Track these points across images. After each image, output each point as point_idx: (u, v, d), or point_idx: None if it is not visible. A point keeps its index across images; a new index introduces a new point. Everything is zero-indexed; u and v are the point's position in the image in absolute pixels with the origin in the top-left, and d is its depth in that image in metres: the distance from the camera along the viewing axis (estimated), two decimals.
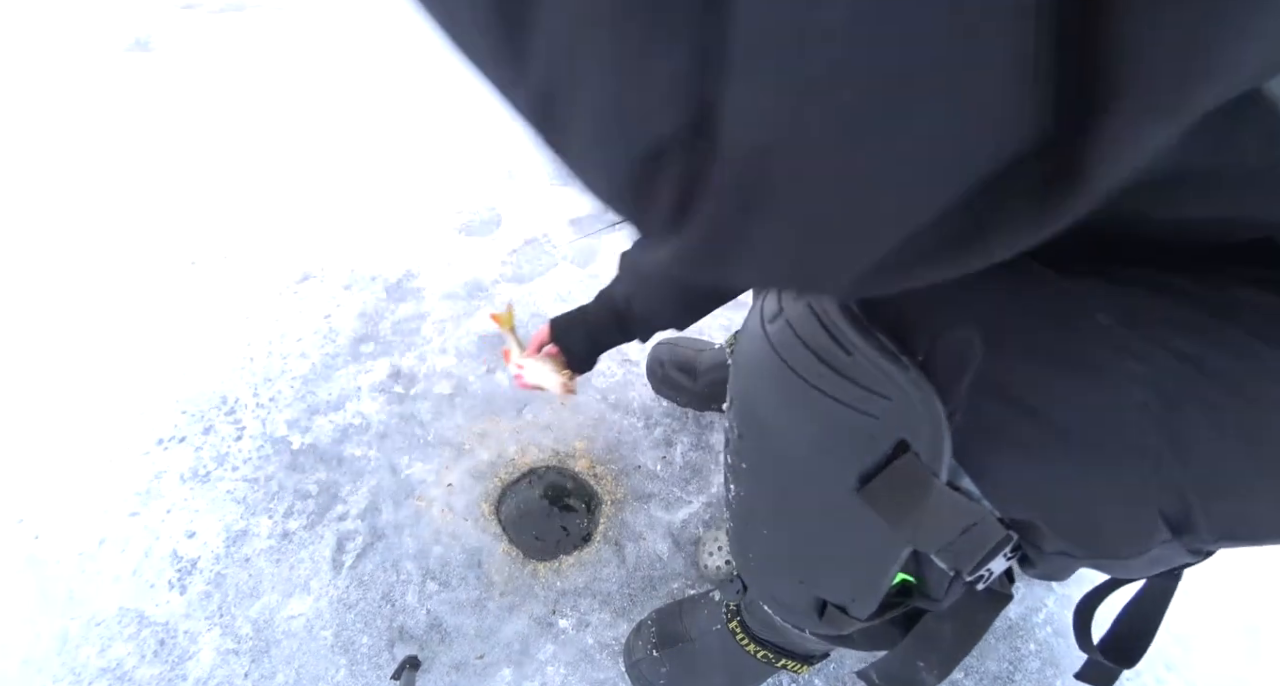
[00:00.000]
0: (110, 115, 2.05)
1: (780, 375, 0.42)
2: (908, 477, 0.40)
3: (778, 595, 0.59)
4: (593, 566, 0.93)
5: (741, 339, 0.48)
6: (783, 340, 0.42)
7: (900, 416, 0.38)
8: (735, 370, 0.49)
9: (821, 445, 0.43)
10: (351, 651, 0.85)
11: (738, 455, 0.51)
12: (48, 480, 1.03)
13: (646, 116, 0.19)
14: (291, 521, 0.98)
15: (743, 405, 0.48)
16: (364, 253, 1.49)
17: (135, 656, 0.84)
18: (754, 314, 0.47)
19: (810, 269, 0.25)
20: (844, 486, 0.42)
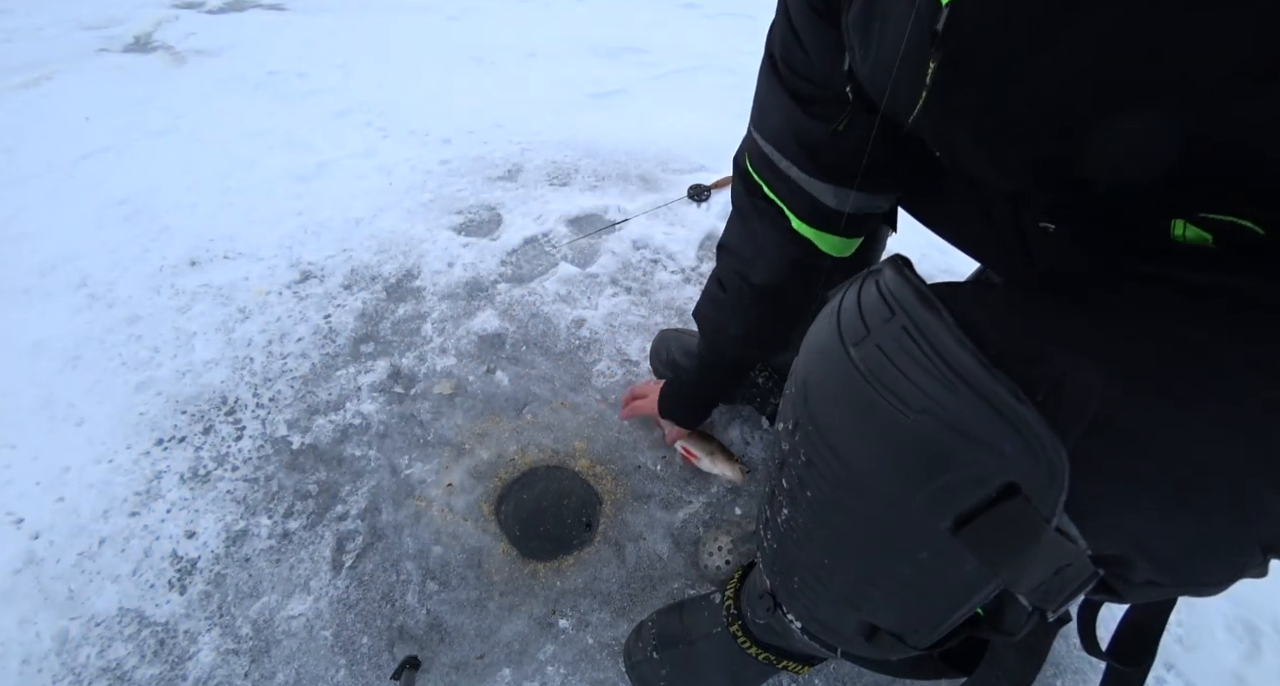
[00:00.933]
0: (110, 114, 2.05)
1: (869, 404, 0.39)
2: (1016, 523, 0.37)
3: (822, 618, 0.56)
4: (593, 566, 0.93)
5: (812, 356, 0.45)
6: (875, 367, 0.39)
7: (1014, 460, 0.36)
8: (805, 391, 0.45)
9: (913, 481, 0.40)
10: (351, 651, 0.85)
11: (801, 482, 0.47)
12: (48, 480, 1.03)
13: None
14: (291, 521, 0.98)
15: (816, 430, 0.44)
16: (364, 253, 1.49)
17: (135, 656, 0.84)
18: (827, 332, 0.44)
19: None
20: (935, 526, 0.40)
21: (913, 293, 0.40)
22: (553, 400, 1.15)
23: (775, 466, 0.51)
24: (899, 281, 0.41)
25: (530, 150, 1.89)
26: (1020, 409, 0.35)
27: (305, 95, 2.20)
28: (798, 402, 0.46)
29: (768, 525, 0.55)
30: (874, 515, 0.43)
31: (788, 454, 0.48)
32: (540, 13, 3.03)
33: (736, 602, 0.77)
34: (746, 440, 1.09)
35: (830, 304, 0.48)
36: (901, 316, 0.39)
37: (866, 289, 0.43)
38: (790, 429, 0.47)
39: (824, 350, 0.44)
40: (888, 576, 0.46)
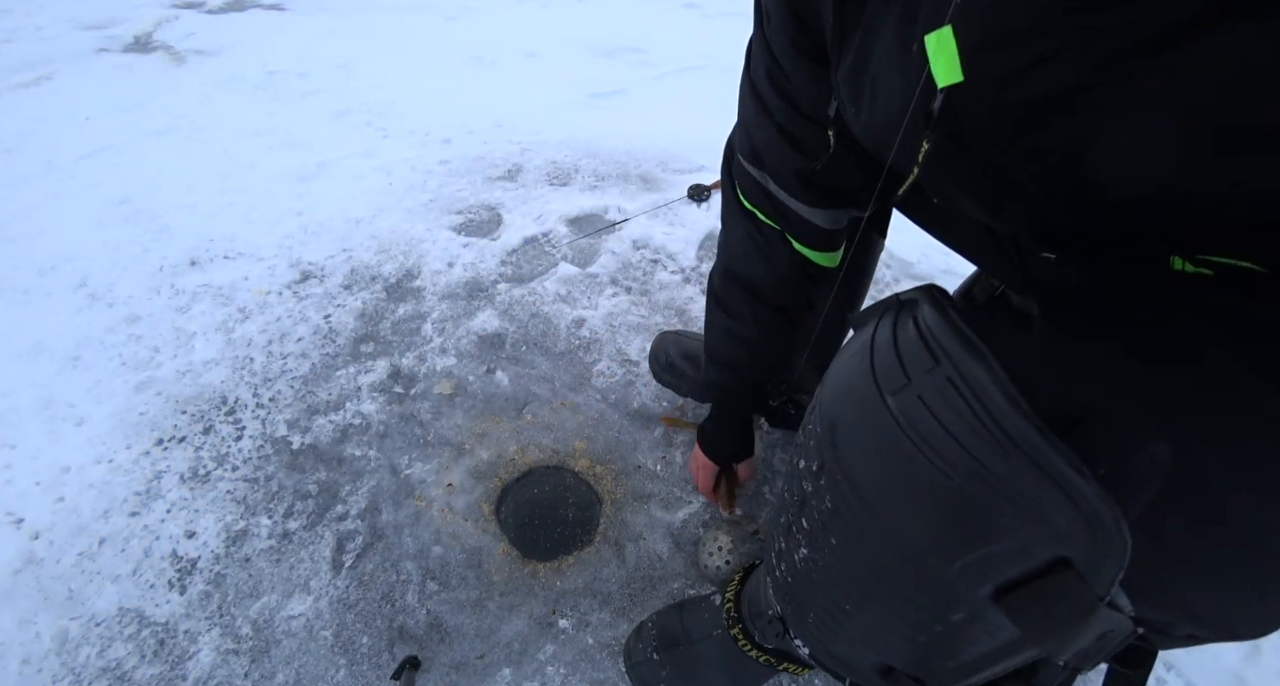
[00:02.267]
0: (110, 114, 2.05)
1: (908, 460, 0.36)
2: (1067, 599, 0.35)
3: (836, 653, 0.53)
4: (593, 566, 0.93)
5: (842, 399, 0.43)
6: (915, 421, 0.36)
7: (1069, 534, 0.33)
8: (834, 435, 0.43)
9: (953, 547, 0.37)
10: (351, 651, 0.85)
11: (825, 527, 0.45)
12: (48, 480, 1.03)
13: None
14: (291, 521, 0.98)
15: (845, 480, 0.41)
16: (364, 253, 1.49)
17: (135, 656, 0.84)
18: (860, 374, 0.41)
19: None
20: (974, 592, 0.37)
21: (958, 339, 0.37)
22: (553, 400, 1.15)
23: (794, 502, 0.48)
24: (941, 324, 0.38)
25: (530, 150, 1.89)
26: (1080, 482, 0.32)
27: (305, 95, 2.20)
28: (824, 446, 0.43)
29: (782, 556, 0.53)
30: (906, 574, 0.41)
31: (810, 495, 0.45)
32: (540, 13, 3.03)
33: (737, 605, 0.77)
34: None
35: (859, 339, 0.44)
36: (946, 366, 0.36)
37: (904, 328, 0.40)
38: (814, 470, 0.45)
39: (857, 395, 0.41)
40: (916, 630, 0.44)
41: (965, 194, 0.42)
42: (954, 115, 0.36)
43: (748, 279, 0.76)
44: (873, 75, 0.43)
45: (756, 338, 0.80)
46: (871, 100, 0.44)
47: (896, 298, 0.44)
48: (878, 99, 0.43)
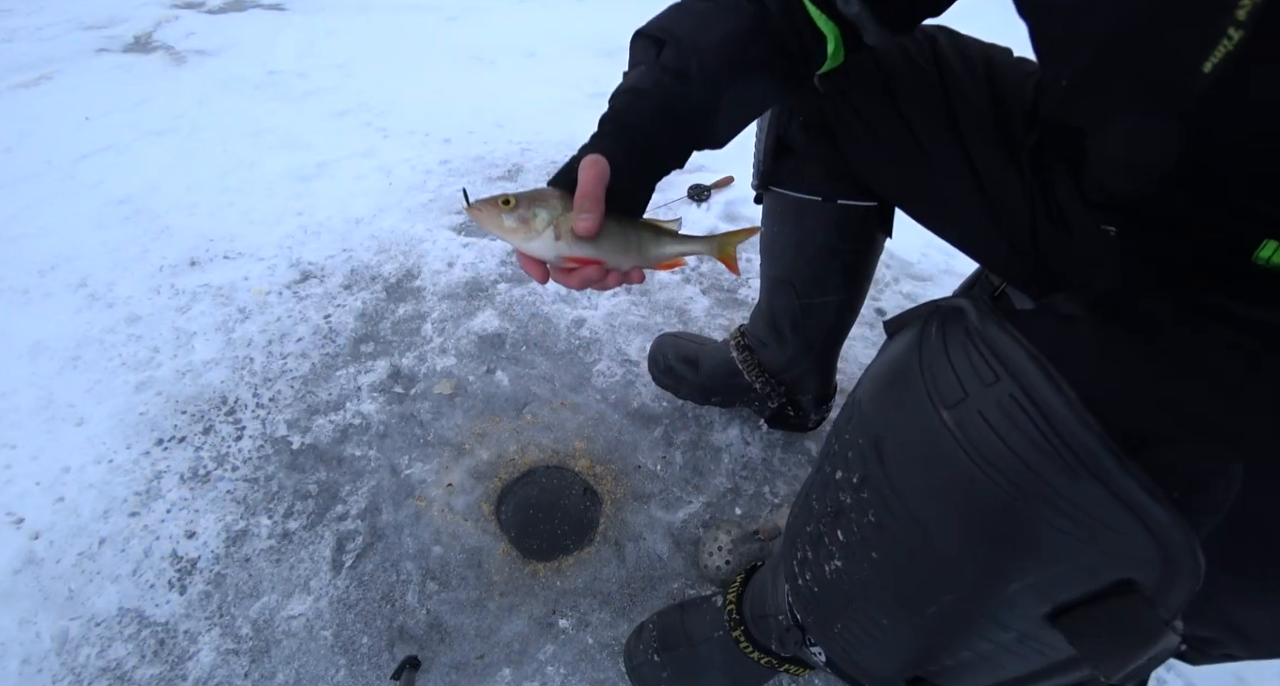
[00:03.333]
0: (110, 114, 2.05)
1: (968, 480, 0.35)
2: (1130, 620, 0.34)
3: (861, 663, 0.52)
4: (593, 566, 0.93)
5: (888, 411, 0.41)
6: (976, 438, 0.35)
7: (1140, 557, 0.33)
8: (880, 449, 0.41)
9: (1010, 564, 0.36)
10: (351, 651, 0.85)
11: (864, 541, 0.43)
12: (48, 480, 1.03)
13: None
14: (291, 521, 0.98)
15: (894, 495, 0.40)
16: (364, 253, 1.49)
17: (135, 656, 0.84)
18: (911, 386, 0.39)
19: None
20: (1029, 611, 0.36)
21: (1019, 352, 0.35)
22: (553, 400, 1.15)
23: (826, 513, 0.47)
24: (1000, 336, 0.36)
25: (530, 150, 1.89)
26: (1155, 507, 0.31)
27: (305, 95, 2.20)
28: (869, 459, 0.42)
29: (807, 566, 0.51)
30: (956, 592, 0.39)
31: (849, 508, 0.44)
32: (540, 13, 3.03)
33: (739, 607, 0.77)
34: (746, 440, 1.09)
35: (900, 347, 0.43)
36: (1008, 382, 0.35)
37: (954, 339, 0.39)
38: (854, 482, 0.43)
39: (907, 408, 0.39)
40: (960, 647, 0.42)
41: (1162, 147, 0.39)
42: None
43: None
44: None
45: (736, 32, 0.55)
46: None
47: (935, 304, 0.43)
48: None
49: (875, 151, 0.69)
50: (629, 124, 0.53)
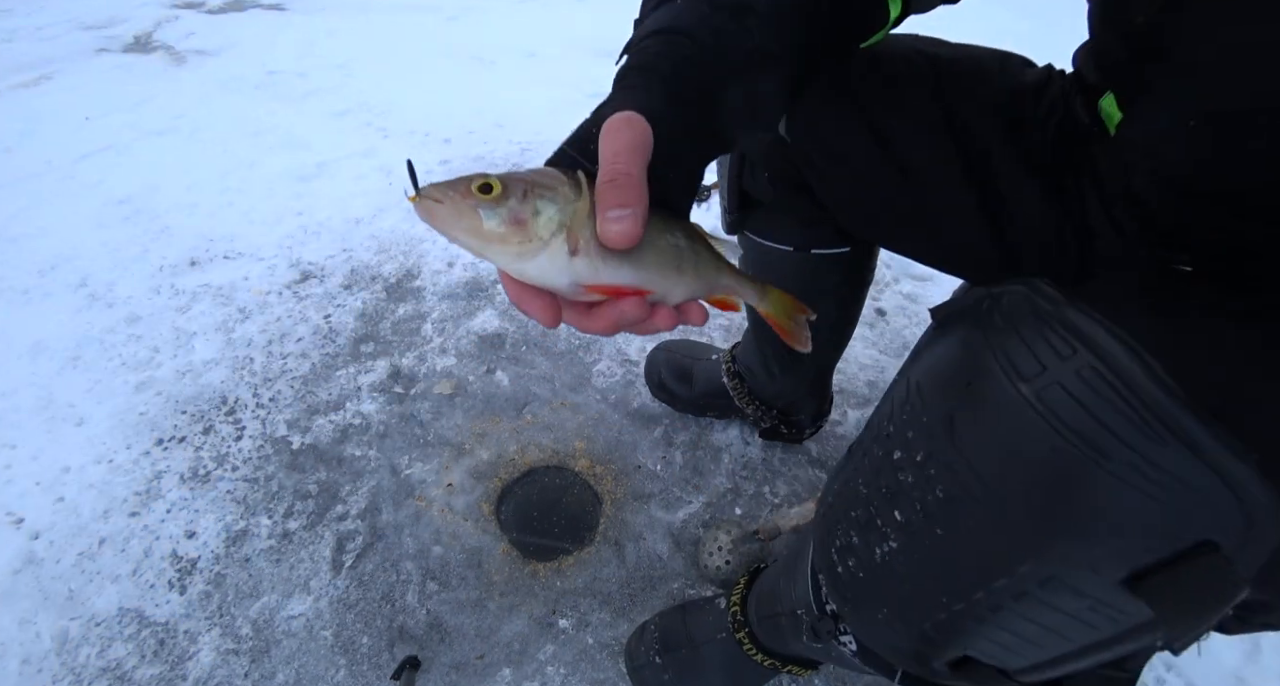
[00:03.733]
0: (110, 114, 2.05)
1: (1051, 450, 0.35)
2: (1212, 583, 0.34)
3: (901, 647, 0.51)
4: (593, 566, 0.93)
5: (955, 388, 0.41)
6: (1059, 409, 0.35)
7: (1224, 519, 0.33)
8: (951, 427, 0.41)
9: (1094, 530, 0.36)
10: (351, 651, 0.85)
11: (930, 518, 0.42)
12: (48, 480, 1.03)
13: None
14: (291, 521, 0.98)
15: (969, 468, 0.40)
16: (364, 253, 1.49)
17: (135, 656, 0.84)
18: (977, 363, 0.40)
19: None
20: (1108, 577, 0.36)
21: (1093, 324, 0.36)
22: (553, 400, 1.15)
23: (880, 496, 0.46)
24: (1077, 314, 0.37)
25: (530, 150, 1.89)
26: (1238, 467, 0.32)
27: (305, 95, 2.20)
28: (937, 436, 0.41)
29: (850, 552, 0.50)
30: (1034, 563, 0.39)
31: (910, 487, 0.43)
32: (540, 13, 3.03)
33: (744, 609, 0.76)
34: (746, 440, 1.09)
35: (961, 332, 0.43)
36: (1085, 353, 0.35)
37: (1022, 319, 0.39)
38: (919, 461, 0.43)
39: (979, 384, 0.39)
40: (1027, 623, 0.42)
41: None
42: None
43: None
44: None
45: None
46: None
47: (989, 291, 0.43)
48: None
49: (855, 190, 0.64)
50: (671, 72, 0.38)
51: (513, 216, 0.31)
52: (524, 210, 0.31)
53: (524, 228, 0.31)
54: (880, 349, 1.29)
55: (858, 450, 0.52)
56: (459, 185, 0.31)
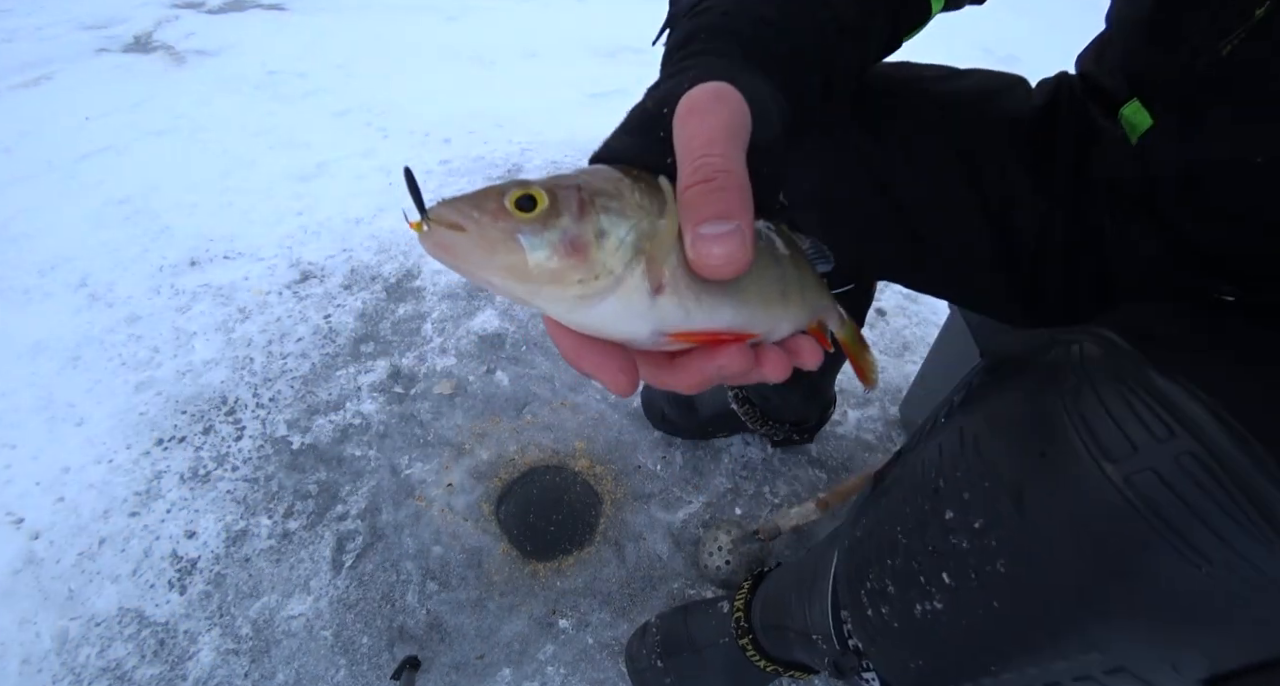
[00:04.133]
0: (110, 114, 2.05)
1: (1140, 545, 0.32)
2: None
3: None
4: (593, 566, 0.93)
5: (1028, 458, 0.38)
6: (1153, 499, 0.32)
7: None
8: (1020, 498, 0.37)
9: (1178, 633, 0.33)
10: (351, 651, 0.85)
11: (986, 589, 0.40)
12: (48, 480, 1.03)
13: None
14: (291, 521, 0.98)
15: (1033, 543, 0.37)
16: (364, 253, 1.49)
17: (135, 656, 0.84)
18: (1053, 431, 0.36)
19: None
20: (1183, 676, 0.34)
21: (1197, 405, 0.32)
22: (553, 400, 1.15)
23: (926, 552, 0.43)
24: (1170, 387, 0.33)
25: (530, 150, 1.89)
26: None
27: (305, 95, 2.20)
28: (1004, 508, 0.38)
29: (884, 599, 0.48)
30: (1104, 653, 0.36)
31: (966, 553, 0.40)
32: (540, 13, 3.03)
33: (748, 614, 0.76)
34: (747, 440, 1.09)
35: (1029, 388, 0.39)
36: (1186, 439, 0.31)
37: (1105, 385, 0.35)
38: (977, 529, 0.39)
39: (1055, 457, 0.35)
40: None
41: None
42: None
43: None
44: None
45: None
46: None
47: (1053, 337, 0.39)
48: None
49: (860, 238, 0.61)
50: (752, 33, 0.32)
51: (569, 242, 0.22)
52: (584, 231, 0.22)
53: (586, 257, 0.22)
54: (880, 349, 1.29)
55: (895, 491, 0.48)
56: (486, 201, 0.22)
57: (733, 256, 0.23)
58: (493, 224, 0.22)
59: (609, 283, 0.22)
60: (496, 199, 0.22)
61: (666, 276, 0.23)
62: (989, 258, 0.58)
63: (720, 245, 0.23)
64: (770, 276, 0.27)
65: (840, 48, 0.37)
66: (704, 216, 0.23)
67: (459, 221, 0.22)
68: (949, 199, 0.57)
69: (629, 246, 0.23)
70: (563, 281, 0.22)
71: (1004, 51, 2.55)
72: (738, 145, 0.25)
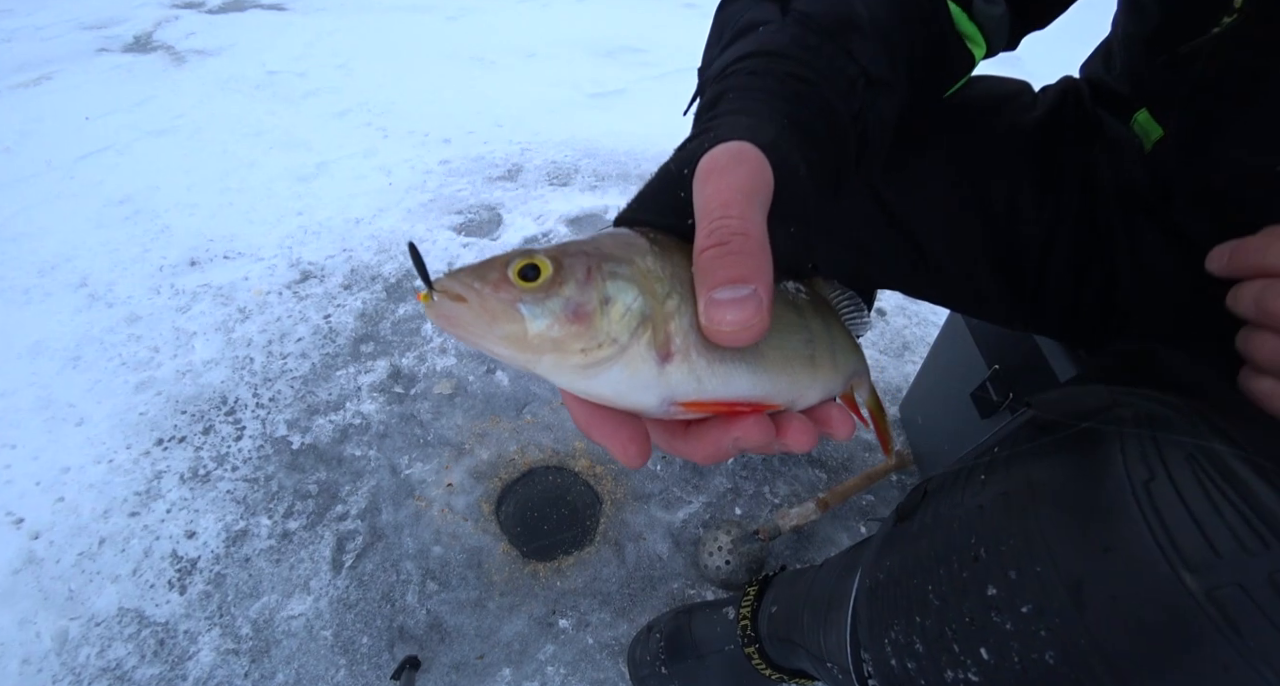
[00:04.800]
0: (110, 114, 2.05)
1: (1221, 667, 0.30)
2: None
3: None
4: (593, 566, 0.93)
5: (1089, 551, 0.34)
6: (1237, 618, 0.29)
7: None
8: (1080, 597, 0.34)
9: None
10: (351, 651, 0.85)
11: (1029, 677, 0.37)
12: (48, 481, 1.03)
13: None
14: (291, 521, 0.98)
15: (1089, 644, 0.34)
16: (364, 253, 1.49)
17: (135, 656, 0.84)
18: (1128, 530, 0.33)
19: None
20: None
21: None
22: (553, 400, 1.15)
23: (963, 622, 0.40)
24: (1264, 489, 0.29)
25: (530, 150, 1.89)
26: None
27: (305, 95, 2.20)
28: (1060, 601, 0.34)
29: (909, 654, 0.46)
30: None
31: (1009, 634, 0.37)
32: (540, 13, 3.03)
33: (754, 623, 0.75)
34: None
35: (1091, 462, 0.36)
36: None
37: (1184, 475, 0.31)
38: (1025, 614, 0.36)
39: (1124, 554, 0.32)
40: None
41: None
42: None
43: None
44: None
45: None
46: None
47: (1113, 397, 0.36)
48: None
49: (860, 245, 0.60)
50: (778, 88, 0.31)
51: (571, 310, 0.22)
52: (588, 299, 0.22)
53: (589, 325, 0.22)
54: (880, 349, 1.29)
55: (924, 543, 0.45)
56: (490, 271, 0.23)
57: (747, 323, 0.22)
58: (494, 295, 0.22)
59: (613, 351, 0.22)
60: (500, 269, 0.23)
61: (678, 343, 0.23)
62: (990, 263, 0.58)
63: (733, 311, 0.22)
64: (796, 341, 0.26)
65: (873, 101, 0.36)
66: (718, 281, 0.22)
67: (461, 293, 0.22)
68: (950, 206, 0.57)
69: (635, 313, 0.22)
70: (564, 350, 0.22)
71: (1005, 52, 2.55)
72: (756, 206, 0.24)
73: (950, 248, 0.58)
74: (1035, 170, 0.55)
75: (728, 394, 0.24)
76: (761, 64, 0.32)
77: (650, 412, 0.24)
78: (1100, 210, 0.53)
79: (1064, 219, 0.54)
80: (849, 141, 0.34)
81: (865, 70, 0.34)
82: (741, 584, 0.89)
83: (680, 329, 0.23)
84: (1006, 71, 0.62)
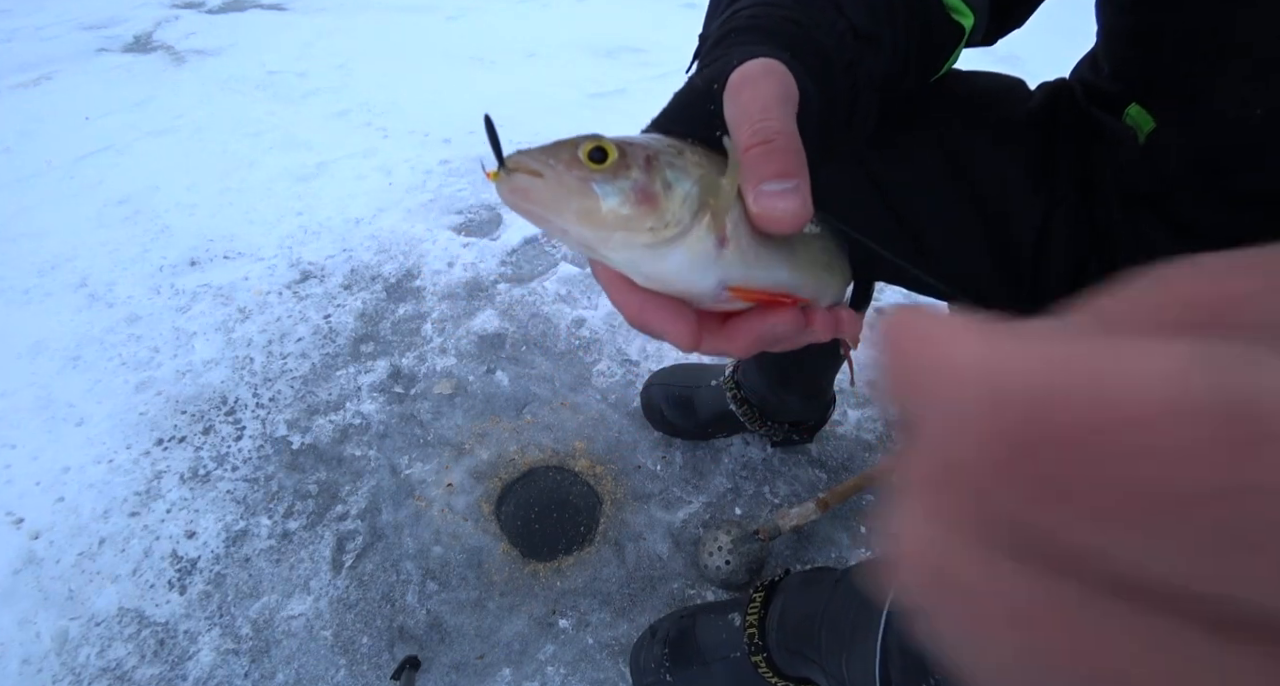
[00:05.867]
0: (110, 114, 2.05)
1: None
2: None
3: None
4: (593, 566, 0.93)
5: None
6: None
7: None
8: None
9: None
10: (351, 651, 0.85)
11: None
12: (48, 481, 1.03)
13: None
14: (291, 521, 0.98)
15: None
16: (364, 253, 1.49)
17: (135, 656, 0.84)
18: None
19: None
20: None
21: None
22: (553, 400, 1.15)
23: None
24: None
25: None
26: None
27: (305, 95, 2.20)
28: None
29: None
30: None
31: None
32: (540, 13, 3.03)
33: (762, 631, 0.75)
34: (746, 440, 1.09)
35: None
36: None
37: None
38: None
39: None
40: None
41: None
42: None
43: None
44: None
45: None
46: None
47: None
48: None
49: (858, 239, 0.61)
50: (777, 29, 0.32)
51: (639, 190, 0.23)
52: (653, 183, 0.23)
53: (656, 206, 0.23)
54: (880, 348, 1.29)
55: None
56: (561, 151, 0.24)
57: (795, 211, 0.24)
58: (568, 171, 0.24)
59: (678, 232, 0.23)
60: (571, 150, 0.24)
61: (729, 230, 0.24)
62: (988, 258, 0.58)
63: (784, 200, 0.24)
64: (816, 247, 0.29)
65: (861, 55, 0.36)
66: (766, 175, 0.24)
67: (536, 169, 0.24)
68: (947, 201, 0.57)
69: (694, 199, 0.24)
70: (634, 228, 0.23)
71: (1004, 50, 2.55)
72: (790, 113, 0.26)
73: (947, 237, 0.58)
74: (1028, 161, 0.55)
75: (770, 281, 0.26)
76: (761, 11, 0.34)
77: (702, 297, 0.26)
78: (1099, 208, 0.53)
79: (1058, 211, 0.54)
80: (842, 90, 0.35)
81: (853, 24, 0.36)
82: (741, 584, 0.89)
83: (732, 219, 0.25)
84: (1006, 71, 0.62)
